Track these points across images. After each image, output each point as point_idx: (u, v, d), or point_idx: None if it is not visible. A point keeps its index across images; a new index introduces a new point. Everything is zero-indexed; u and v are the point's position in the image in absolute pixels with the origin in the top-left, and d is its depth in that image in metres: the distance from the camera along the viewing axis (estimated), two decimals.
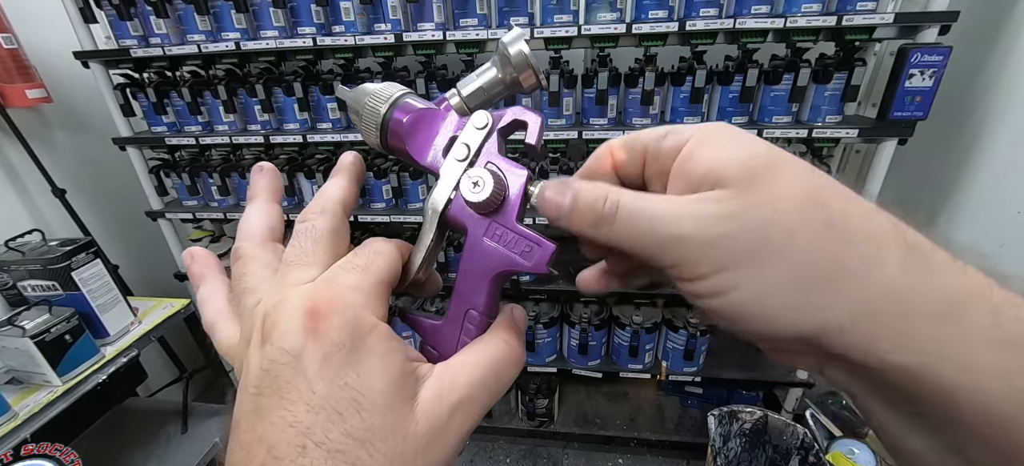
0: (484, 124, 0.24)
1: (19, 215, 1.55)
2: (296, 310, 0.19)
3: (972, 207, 1.34)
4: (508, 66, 0.24)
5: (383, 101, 0.26)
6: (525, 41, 0.24)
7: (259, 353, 0.19)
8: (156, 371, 1.87)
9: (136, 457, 1.50)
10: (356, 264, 0.22)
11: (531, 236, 0.23)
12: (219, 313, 0.24)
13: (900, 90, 1.18)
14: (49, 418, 1.12)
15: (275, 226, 0.26)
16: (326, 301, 0.19)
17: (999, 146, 1.27)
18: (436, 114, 0.26)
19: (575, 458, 1.91)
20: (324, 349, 0.18)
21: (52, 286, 1.21)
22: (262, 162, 0.28)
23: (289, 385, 0.18)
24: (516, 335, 0.24)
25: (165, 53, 1.43)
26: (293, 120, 1.56)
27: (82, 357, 1.21)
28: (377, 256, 0.22)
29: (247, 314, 0.22)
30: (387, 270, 0.22)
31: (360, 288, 0.20)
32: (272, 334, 0.19)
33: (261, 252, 0.24)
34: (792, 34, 1.25)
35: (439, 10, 1.32)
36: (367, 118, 0.26)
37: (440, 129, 0.25)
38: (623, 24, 1.25)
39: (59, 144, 1.70)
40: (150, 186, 1.70)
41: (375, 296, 0.21)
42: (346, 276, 0.21)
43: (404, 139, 0.25)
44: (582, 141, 1.43)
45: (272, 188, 0.27)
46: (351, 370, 0.18)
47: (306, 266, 0.21)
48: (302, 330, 0.19)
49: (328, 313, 0.19)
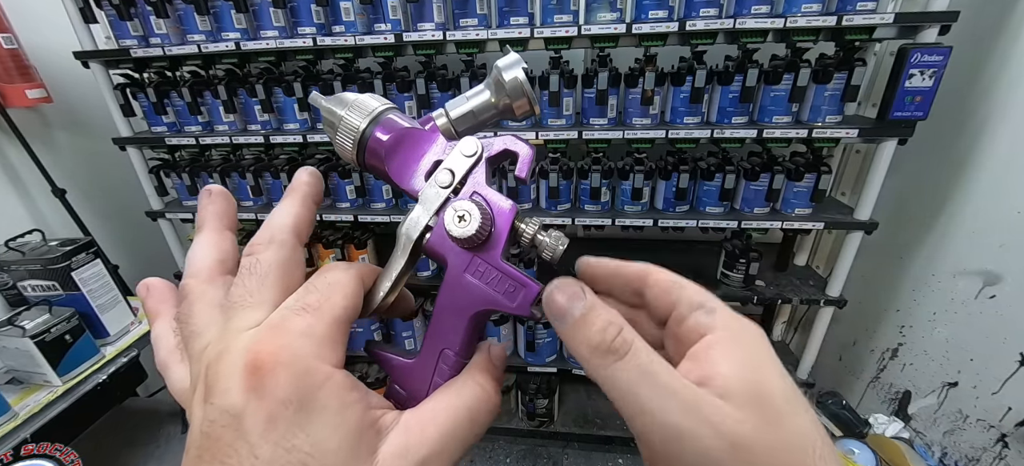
0: (473, 152, 0.23)
1: (19, 215, 1.55)
2: (237, 364, 0.17)
3: (972, 207, 1.34)
4: (502, 92, 0.23)
5: (364, 115, 0.23)
6: (522, 68, 0.22)
7: (201, 410, 0.17)
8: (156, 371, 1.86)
9: (136, 457, 1.50)
10: (308, 303, 0.19)
11: (516, 275, 0.22)
12: (170, 353, 0.22)
13: (900, 90, 1.18)
14: (49, 418, 1.12)
15: (226, 258, 0.23)
16: (271, 352, 0.17)
17: (999, 146, 1.27)
18: (421, 134, 0.24)
19: (575, 458, 1.91)
20: (268, 409, 0.16)
21: (52, 286, 1.21)
22: (210, 185, 0.25)
23: (230, 449, 0.16)
24: (493, 378, 0.22)
25: (165, 53, 1.43)
26: (293, 120, 1.56)
27: (82, 357, 1.21)
28: (332, 291, 0.20)
29: (195, 359, 0.20)
30: (344, 306, 0.20)
31: (311, 333, 0.18)
32: (213, 391, 0.17)
33: (209, 289, 0.21)
34: (792, 34, 1.25)
35: (439, 10, 1.32)
36: (344, 132, 0.24)
37: (425, 152, 0.24)
38: (623, 24, 1.25)
39: (59, 144, 1.70)
40: (150, 186, 1.70)
41: (329, 340, 0.19)
42: (295, 320, 0.18)
43: (383, 158, 0.23)
44: (582, 141, 1.43)
45: (221, 213, 0.24)
46: (300, 430, 0.17)
47: (252, 308, 0.19)
48: (244, 387, 0.17)
49: (273, 367, 0.17)
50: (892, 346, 1.63)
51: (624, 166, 1.49)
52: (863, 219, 1.39)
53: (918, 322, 1.54)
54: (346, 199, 1.63)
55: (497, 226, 0.22)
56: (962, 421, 1.42)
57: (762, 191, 1.43)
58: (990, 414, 1.35)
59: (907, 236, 1.55)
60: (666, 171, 1.46)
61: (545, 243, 0.23)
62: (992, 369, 1.33)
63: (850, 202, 1.52)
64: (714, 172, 1.44)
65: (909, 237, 1.54)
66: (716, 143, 1.45)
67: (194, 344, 0.20)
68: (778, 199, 1.45)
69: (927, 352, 1.51)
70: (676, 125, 1.40)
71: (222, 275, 0.22)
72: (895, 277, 1.60)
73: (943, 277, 1.44)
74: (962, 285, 1.38)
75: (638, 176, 1.45)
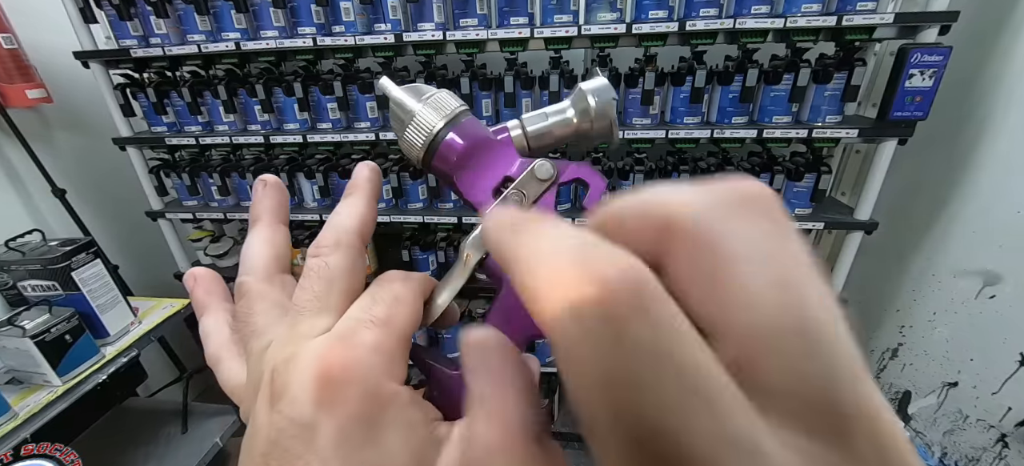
0: (548, 177, 0.22)
1: (19, 215, 1.55)
2: (308, 373, 0.17)
3: (972, 207, 1.35)
4: (587, 117, 0.22)
5: (442, 115, 0.22)
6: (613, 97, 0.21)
7: (268, 416, 0.17)
8: (156, 371, 1.86)
9: (136, 457, 1.50)
10: (376, 317, 0.19)
11: None
12: (223, 347, 0.22)
13: (900, 90, 1.18)
14: (49, 418, 1.12)
15: (281, 255, 0.23)
16: (342, 366, 0.17)
17: (999, 146, 1.27)
18: (495, 146, 0.23)
19: (575, 458, 1.90)
20: (339, 424, 0.16)
21: (52, 286, 1.21)
22: (265, 175, 0.24)
23: (298, 460, 0.16)
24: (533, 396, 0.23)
25: (165, 53, 1.43)
26: (293, 120, 1.56)
27: (82, 357, 1.21)
28: (399, 306, 0.20)
29: (254, 358, 0.20)
30: (410, 323, 0.20)
31: (381, 349, 0.18)
32: (281, 398, 0.17)
33: (267, 288, 0.21)
34: (792, 34, 1.25)
35: (439, 10, 1.32)
36: (416, 130, 0.22)
37: (495, 165, 0.23)
38: (623, 24, 1.25)
39: (59, 144, 1.70)
40: (150, 186, 1.70)
41: (396, 356, 0.19)
42: (365, 333, 0.18)
43: (453, 166, 0.22)
44: None
45: (276, 207, 0.24)
46: (370, 447, 0.17)
47: (319, 314, 0.19)
48: (315, 399, 0.17)
49: (344, 382, 0.17)
50: (892, 346, 1.63)
51: (624, 166, 1.49)
52: (863, 219, 1.39)
53: (918, 322, 1.54)
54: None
55: None
56: (962, 421, 1.42)
57: None
58: (990, 414, 1.35)
59: (907, 236, 1.55)
60: (666, 171, 1.46)
61: None
62: (992, 369, 1.33)
63: (850, 202, 1.52)
64: (714, 172, 1.44)
65: (909, 237, 1.54)
66: (716, 143, 1.45)
67: (255, 343, 0.20)
68: None
69: (927, 352, 1.51)
70: (676, 125, 1.40)
71: (278, 273, 0.22)
72: (895, 277, 1.61)
73: (943, 277, 1.44)
74: (962, 285, 1.38)
75: (638, 176, 1.45)
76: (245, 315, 0.21)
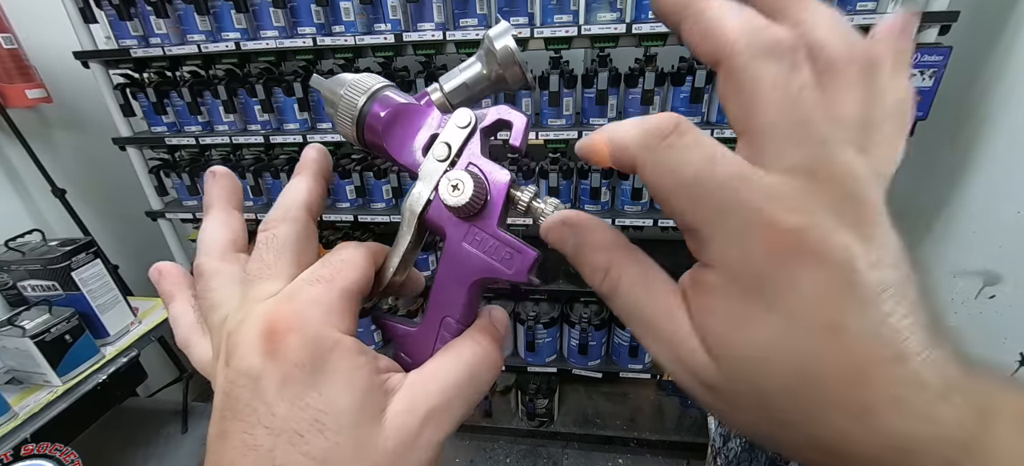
0: (467, 123, 0.23)
1: (19, 215, 1.55)
2: (254, 330, 0.18)
3: (972, 207, 1.34)
4: (494, 62, 0.23)
5: (361, 92, 0.24)
6: (512, 36, 0.22)
7: (223, 374, 0.19)
8: (156, 371, 1.86)
9: (136, 457, 1.50)
10: (321, 275, 0.20)
11: (512, 242, 0.22)
12: (191, 329, 0.24)
13: None
14: (49, 418, 1.12)
15: (236, 236, 0.24)
16: (285, 319, 0.18)
17: (999, 146, 1.27)
18: (417, 109, 0.24)
19: (575, 458, 1.91)
20: (283, 370, 0.18)
21: (52, 286, 1.21)
22: (214, 166, 0.26)
23: (248, 408, 0.18)
24: (492, 337, 0.23)
25: (165, 53, 1.43)
26: (293, 120, 1.56)
27: (82, 357, 1.21)
28: (344, 265, 0.21)
29: (215, 331, 0.21)
30: (355, 279, 0.21)
31: (321, 302, 0.19)
32: (232, 356, 0.19)
33: (222, 265, 0.23)
34: None
35: (439, 10, 1.32)
36: (343, 110, 0.24)
37: (421, 125, 0.24)
38: (623, 24, 1.25)
39: (59, 144, 1.70)
40: (150, 186, 1.70)
41: (339, 310, 0.20)
42: (308, 289, 0.20)
43: (382, 134, 0.24)
44: None
45: (227, 194, 0.25)
46: (312, 390, 0.18)
47: (269, 279, 0.20)
48: (260, 351, 0.18)
49: (286, 331, 0.18)
50: None
51: None
52: None
53: None
54: (346, 199, 1.63)
55: (492, 194, 0.22)
56: None
57: None
58: None
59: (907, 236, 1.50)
60: None
61: (540, 210, 0.23)
62: None
63: None
64: None
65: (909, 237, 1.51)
66: None
67: (213, 317, 0.21)
68: None
69: None
70: None
71: (234, 253, 0.24)
72: None
73: (943, 277, 1.44)
74: (962, 285, 1.38)
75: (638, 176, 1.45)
76: (203, 293, 0.22)
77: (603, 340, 1.76)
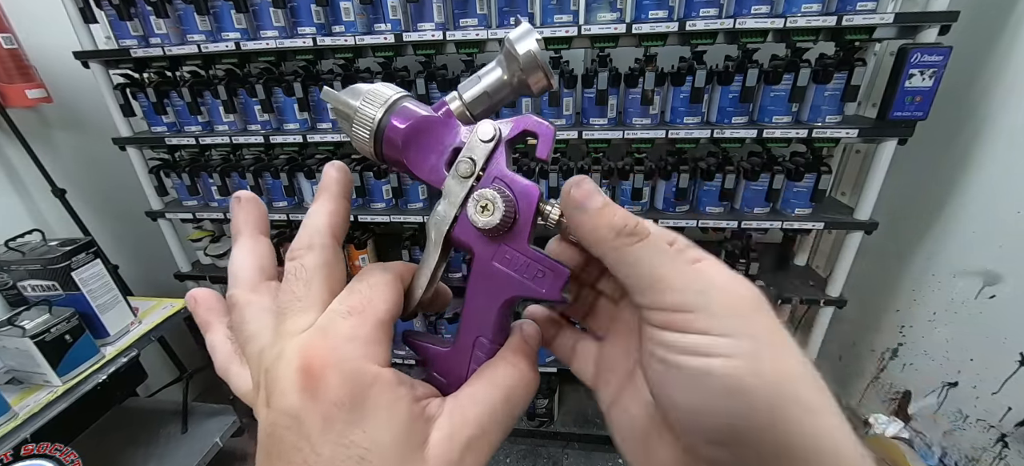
0: (491, 137, 0.22)
1: (19, 215, 1.55)
2: (292, 367, 0.18)
3: (972, 207, 1.35)
4: (515, 67, 0.22)
5: (379, 105, 0.22)
6: (536, 38, 0.21)
7: (264, 412, 0.19)
8: (156, 371, 1.86)
9: (136, 457, 1.50)
10: (352, 306, 0.20)
11: (545, 259, 0.21)
12: (229, 358, 0.24)
13: (900, 90, 1.18)
14: (49, 418, 1.11)
15: (264, 264, 0.24)
16: (320, 355, 0.18)
17: (999, 146, 1.27)
18: (436, 121, 0.23)
19: (575, 458, 1.91)
20: (323, 410, 0.18)
21: (52, 286, 1.21)
22: (239, 192, 0.26)
23: (293, 449, 0.18)
24: (526, 357, 0.23)
25: (165, 53, 1.43)
26: (293, 120, 1.56)
27: (82, 357, 1.21)
28: (374, 293, 0.21)
29: (253, 362, 0.21)
30: (386, 308, 0.21)
31: (357, 336, 0.19)
32: (272, 394, 0.19)
33: (254, 297, 0.23)
34: (792, 34, 1.25)
35: (439, 10, 1.32)
36: (360, 124, 0.23)
37: (442, 139, 0.23)
38: (623, 24, 1.25)
39: (59, 144, 1.70)
40: (150, 186, 1.70)
41: (374, 341, 0.20)
42: (341, 324, 0.20)
43: (402, 149, 0.23)
44: (582, 141, 1.43)
45: (254, 220, 0.25)
46: (355, 428, 0.18)
47: (301, 312, 0.20)
48: (299, 388, 0.18)
49: (323, 369, 0.18)
50: (892, 346, 1.63)
51: (624, 166, 1.49)
52: (863, 219, 1.39)
53: (918, 322, 1.54)
54: None
55: (522, 211, 0.22)
56: (962, 421, 1.42)
57: (762, 191, 1.43)
58: (990, 414, 1.35)
59: (907, 236, 1.55)
60: (666, 171, 1.46)
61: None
62: (992, 369, 1.33)
63: (850, 202, 1.52)
64: (714, 172, 1.44)
65: (909, 237, 1.54)
66: (716, 143, 1.45)
67: (250, 348, 0.22)
68: (778, 199, 1.45)
69: (927, 352, 1.51)
70: (676, 125, 1.40)
71: (264, 281, 0.24)
72: (895, 277, 1.60)
73: (943, 277, 1.44)
74: (962, 285, 1.38)
75: (638, 176, 1.45)
76: (238, 325, 0.22)
77: None
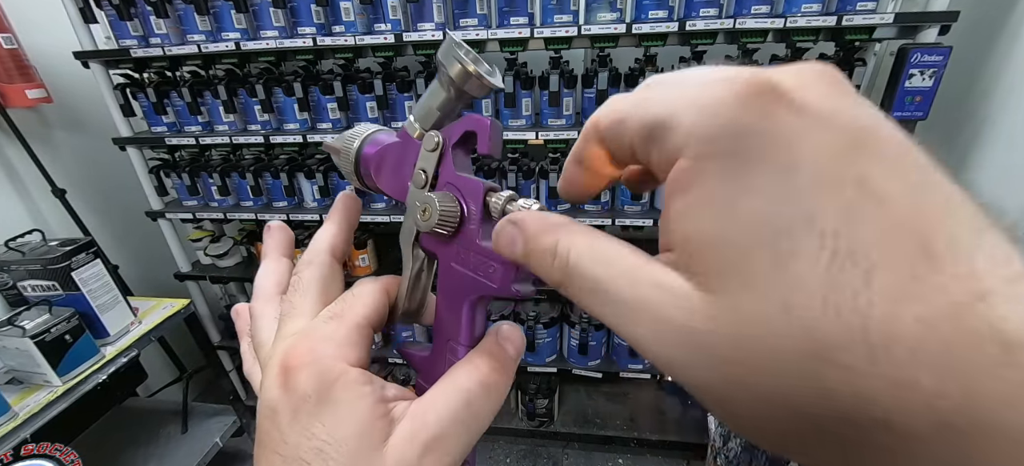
0: (435, 145, 0.23)
1: (19, 215, 1.55)
2: (275, 365, 0.21)
3: None
4: (448, 81, 0.22)
5: (356, 138, 0.26)
6: (458, 48, 0.21)
7: (259, 406, 0.21)
8: (156, 371, 1.86)
9: (136, 457, 1.50)
10: (335, 312, 0.22)
11: (492, 254, 0.21)
12: (253, 363, 0.27)
13: (900, 90, 1.18)
14: (49, 418, 1.12)
15: (282, 280, 0.27)
16: (299, 354, 0.20)
17: (999, 146, 1.27)
18: (397, 145, 0.25)
19: (575, 458, 1.91)
20: (293, 402, 0.20)
21: (52, 286, 1.21)
22: (270, 222, 0.30)
23: (268, 437, 0.20)
24: (493, 360, 0.22)
25: (165, 53, 1.43)
26: (293, 120, 1.56)
27: (82, 357, 1.21)
28: (356, 300, 0.23)
29: (262, 365, 0.24)
30: (365, 314, 0.23)
31: (333, 337, 0.21)
32: (262, 389, 0.21)
33: (267, 308, 0.26)
34: (792, 34, 1.25)
35: (439, 10, 1.32)
36: (343, 158, 0.27)
37: (404, 159, 0.25)
38: (623, 24, 1.25)
39: (59, 144, 1.70)
40: (150, 186, 1.70)
41: (348, 342, 0.21)
42: (322, 326, 0.22)
43: (373, 174, 0.26)
44: None
45: (279, 244, 0.29)
46: (317, 421, 0.19)
47: (294, 318, 0.23)
48: (278, 384, 0.20)
49: (298, 366, 0.20)
50: None
51: None
52: None
53: None
54: None
55: (467, 207, 0.22)
56: None
57: None
58: None
59: None
60: None
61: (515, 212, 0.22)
62: None
63: None
64: None
65: None
66: None
67: (261, 353, 0.25)
68: None
69: None
70: None
71: (278, 294, 0.27)
72: None
73: None
74: None
75: None
76: (254, 333, 0.26)
77: (603, 340, 1.76)
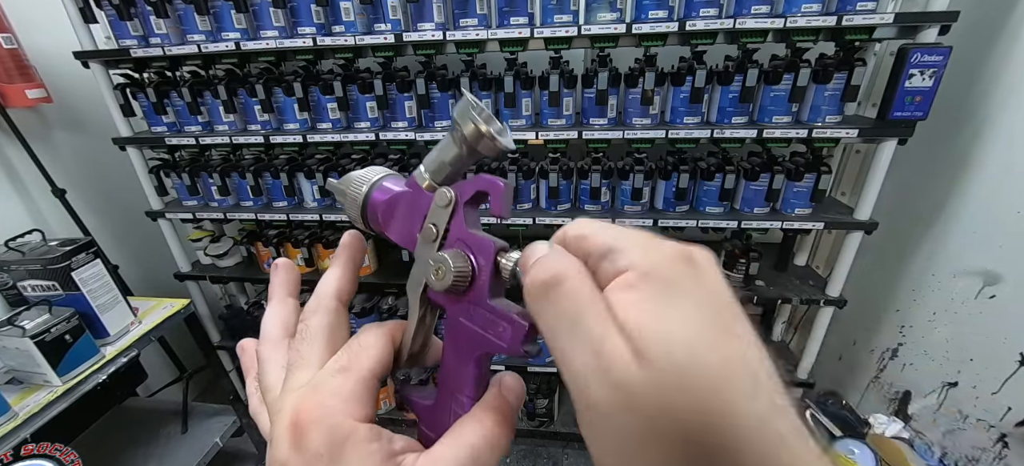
0: (447, 201, 0.23)
1: (19, 215, 1.55)
2: (284, 421, 0.21)
3: (972, 207, 1.34)
4: (461, 139, 0.23)
5: (364, 183, 0.26)
6: (473, 108, 0.22)
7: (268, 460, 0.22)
8: (156, 371, 1.86)
9: (136, 457, 1.50)
10: (342, 365, 0.23)
11: (504, 314, 0.21)
12: (260, 403, 0.27)
13: (900, 90, 1.18)
14: (49, 418, 1.12)
15: (288, 322, 0.28)
16: (308, 411, 0.21)
17: (999, 146, 1.27)
18: (407, 195, 0.25)
19: (575, 458, 1.91)
20: (305, 461, 0.20)
21: (52, 286, 1.21)
22: (277, 260, 0.30)
23: None
24: (498, 413, 0.23)
25: (165, 53, 1.43)
26: (293, 120, 1.56)
27: (82, 357, 1.21)
28: (362, 352, 0.23)
29: (269, 411, 0.24)
30: (370, 367, 0.23)
31: (340, 393, 0.22)
32: (272, 445, 0.22)
33: (274, 353, 0.26)
34: (792, 34, 1.24)
35: (439, 10, 1.32)
36: (350, 202, 0.27)
37: (416, 210, 0.25)
38: (623, 24, 1.25)
39: (59, 144, 1.70)
40: (150, 186, 1.70)
41: (356, 398, 0.22)
42: (330, 381, 0.22)
43: (381, 221, 0.26)
44: (582, 141, 1.43)
45: (285, 283, 0.29)
46: None
47: (302, 368, 0.23)
48: (288, 442, 0.21)
49: (307, 424, 0.21)
50: (892, 346, 1.63)
51: (624, 166, 1.49)
52: (863, 219, 1.39)
53: (918, 322, 1.54)
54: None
55: (478, 267, 0.22)
56: (962, 421, 1.42)
57: (762, 191, 1.43)
58: (990, 414, 1.35)
59: (907, 236, 1.55)
60: (666, 171, 1.46)
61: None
62: (992, 369, 1.32)
63: (850, 202, 1.52)
64: (714, 172, 1.44)
65: (909, 237, 1.54)
66: (716, 143, 1.45)
67: (268, 397, 0.25)
68: (778, 199, 1.45)
69: (927, 352, 1.51)
70: (676, 125, 1.40)
71: (285, 338, 0.27)
72: (895, 277, 1.60)
73: (943, 277, 1.44)
74: (962, 285, 1.38)
75: (638, 176, 1.45)
76: (261, 377, 0.26)
77: None
